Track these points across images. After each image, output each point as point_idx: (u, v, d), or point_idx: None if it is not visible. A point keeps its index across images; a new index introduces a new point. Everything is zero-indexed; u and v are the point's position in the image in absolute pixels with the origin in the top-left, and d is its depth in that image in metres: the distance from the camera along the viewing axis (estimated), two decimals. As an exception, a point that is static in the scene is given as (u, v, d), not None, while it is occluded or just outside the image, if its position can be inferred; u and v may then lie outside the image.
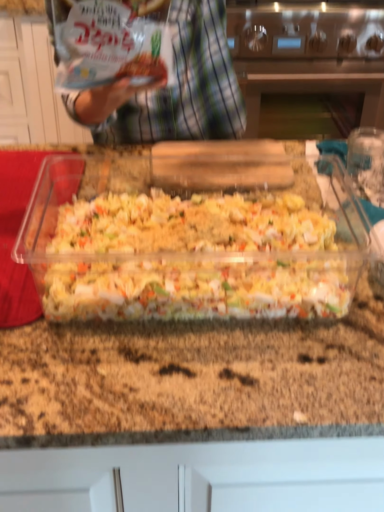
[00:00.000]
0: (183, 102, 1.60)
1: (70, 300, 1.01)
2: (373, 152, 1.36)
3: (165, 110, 1.59)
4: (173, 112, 1.60)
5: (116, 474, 1.01)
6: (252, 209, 1.20)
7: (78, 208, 1.20)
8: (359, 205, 1.07)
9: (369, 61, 2.57)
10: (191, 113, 1.63)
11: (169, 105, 1.58)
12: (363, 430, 0.90)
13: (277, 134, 2.79)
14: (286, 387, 0.94)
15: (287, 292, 1.02)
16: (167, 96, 1.56)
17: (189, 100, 1.61)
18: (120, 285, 1.02)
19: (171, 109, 1.59)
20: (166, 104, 1.58)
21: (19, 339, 1.02)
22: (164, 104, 1.58)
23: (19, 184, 1.41)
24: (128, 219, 1.17)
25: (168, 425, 0.88)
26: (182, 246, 1.08)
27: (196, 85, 1.60)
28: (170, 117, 1.60)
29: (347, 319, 1.07)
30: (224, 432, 0.89)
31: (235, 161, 1.44)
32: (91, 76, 1.09)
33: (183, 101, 1.60)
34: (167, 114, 1.60)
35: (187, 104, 1.61)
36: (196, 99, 1.62)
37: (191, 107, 1.62)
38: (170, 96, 1.56)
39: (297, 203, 1.20)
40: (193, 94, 1.60)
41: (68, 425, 0.88)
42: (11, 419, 0.89)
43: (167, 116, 1.60)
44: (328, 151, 1.56)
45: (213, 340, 1.03)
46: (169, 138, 1.63)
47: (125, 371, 0.97)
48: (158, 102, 1.57)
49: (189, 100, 1.61)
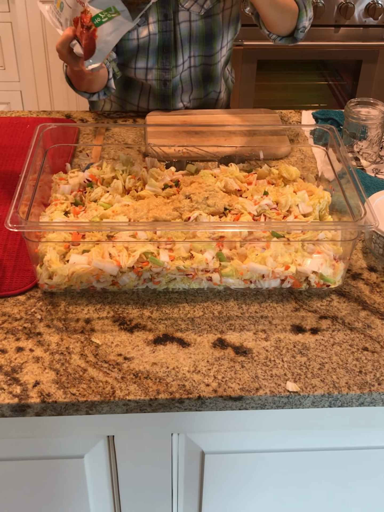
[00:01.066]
0: (183, 86, 1.59)
1: (64, 269, 1.01)
2: (370, 122, 1.35)
3: (164, 93, 1.58)
4: (171, 95, 1.59)
5: (110, 442, 1.02)
6: (247, 179, 1.20)
7: (72, 177, 1.19)
8: (354, 176, 1.07)
9: (367, 28, 2.53)
10: (189, 94, 1.62)
11: (168, 88, 1.57)
12: (354, 400, 0.91)
13: (273, 102, 2.77)
14: (279, 357, 0.95)
15: (281, 263, 1.03)
16: (167, 80, 1.55)
17: (190, 85, 1.60)
18: (115, 255, 1.01)
19: (169, 92, 1.58)
20: (166, 87, 1.57)
21: (13, 308, 1.02)
22: (163, 86, 1.57)
23: (12, 152, 1.40)
24: (122, 188, 1.16)
25: (162, 394, 0.89)
26: (177, 216, 1.08)
27: (198, 73, 1.59)
28: (168, 100, 1.60)
29: (341, 290, 1.07)
30: (217, 401, 0.90)
31: (230, 130, 1.43)
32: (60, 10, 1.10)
33: (183, 85, 1.59)
34: (165, 96, 1.59)
35: (186, 87, 1.60)
36: (196, 84, 1.61)
37: (190, 91, 1.61)
38: (171, 80, 1.55)
39: (293, 174, 1.19)
40: (194, 80, 1.60)
41: (62, 393, 0.89)
42: (5, 388, 0.89)
43: (165, 98, 1.59)
44: (325, 120, 1.55)
45: (207, 310, 1.03)
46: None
47: (119, 340, 0.97)
48: (158, 84, 1.56)
49: (190, 85, 1.60)
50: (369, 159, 1.40)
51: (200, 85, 1.61)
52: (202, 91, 1.63)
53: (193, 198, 1.09)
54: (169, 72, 1.54)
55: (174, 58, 1.52)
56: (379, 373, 0.93)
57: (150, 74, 1.54)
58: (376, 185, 1.30)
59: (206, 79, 1.61)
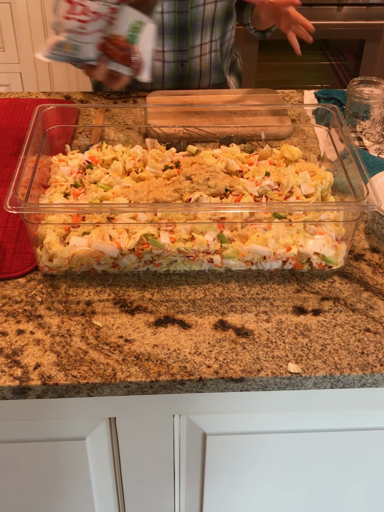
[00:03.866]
0: (202, 70, 1.58)
1: (64, 252, 1.00)
2: (373, 101, 1.33)
3: (181, 74, 1.58)
4: (188, 78, 1.59)
5: (112, 424, 1.02)
6: (248, 160, 1.18)
7: (71, 158, 1.18)
8: (357, 156, 1.05)
9: (370, 7, 2.50)
10: (208, 79, 1.62)
11: (186, 69, 1.57)
12: (356, 381, 0.91)
13: (275, 83, 2.75)
14: (280, 339, 0.95)
15: (283, 244, 1.02)
16: (185, 60, 1.55)
17: (209, 70, 1.59)
18: (115, 237, 1.01)
19: (187, 72, 1.58)
20: (183, 68, 1.56)
21: (14, 291, 1.02)
22: (180, 67, 1.56)
23: (11, 133, 1.38)
24: (122, 169, 1.15)
25: (163, 376, 0.89)
26: (178, 197, 1.07)
27: (218, 57, 1.59)
28: (184, 80, 1.59)
29: (343, 271, 1.06)
30: (218, 382, 0.90)
31: (231, 110, 1.42)
32: (75, 51, 1.10)
33: (202, 69, 1.58)
34: (183, 77, 1.59)
35: (205, 72, 1.59)
36: (215, 68, 1.61)
37: (209, 75, 1.61)
38: (188, 60, 1.54)
39: (295, 154, 1.18)
40: (213, 65, 1.59)
41: (63, 375, 0.89)
42: (6, 370, 0.89)
43: (182, 78, 1.59)
44: (327, 100, 1.53)
45: (208, 292, 1.02)
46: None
47: (120, 322, 0.97)
48: (175, 66, 1.55)
49: (209, 70, 1.59)
50: (372, 139, 1.38)
51: (220, 70, 1.61)
52: (222, 76, 1.62)
53: (193, 179, 1.08)
54: (186, 53, 1.53)
55: (192, 39, 1.51)
56: (381, 354, 0.92)
57: (167, 57, 1.54)
58: (379, 165, 1.29)
59: (222, 64, 1.61)
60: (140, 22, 1.09)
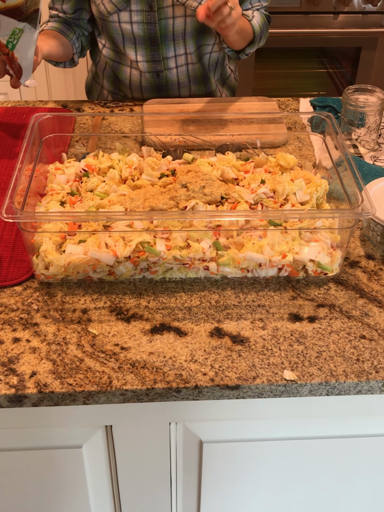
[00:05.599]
0: (180, 82, 1.60)
1: (60, 260, 1.01)
2: (368, 109, 1.34)
3: (158, 84, 1.59)
4: (166, 88, 1.60)
5: (108, 431, 1.02)
6: (244, 168, 1.19)
7: (68, 167, 1.19)
8: (352, 163, 1.06)
9: (366, 15, 2.51)
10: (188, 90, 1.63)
11: (162, 79, 1.58)
12: (352, 388, 0.91)
13: (272, 90, 2.76)
14: (276, 346, 0.95)
15: (278, 252, 1.02)
16: (160, 71, 1.56)
17: (187, 82, 1.61)
18: (111, 245, 1.01)
19: (163, 83, 1.59)
20: (159, 78, 1.58)
21: (10, 299, 1.02)
22: (156, 77, 1.58)
23: (7, 142, 1.39)
24: (119, 177, 1.16)
25: (159, 384, 0.89)
26: (173, 205, 1.07)
27: (196, 70, 1.60)
28: (162, 90, 1.61)
29: (338, 278, 1.07)
30: (214, 390, 0.90)
31: (227, 118, 1.42)
32: None
33: (180, 81, 1.60)
34: (161, 87, 1.60)
35: (184, 83, 1.60)
36: (195, 81, 1.62)
37: (188, 87, 1.62)
38: (163, 71, 1.56)
39: (290, 162, 1.19)
40: (192, 77, 1.60)
41: (59, 383, 0.89)
42: (2, 378, 0.89)
43: (160, 89, 1.60)
44: (322, 108, 1.54)
45: (204, 299, 1.03)
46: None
47: (116, 330, 0.97)
48: (151, 76, 1.57)
49: (187, 82, 1.61)
50: (367, 146, 1.39)
51: (201, 82, 1.62)
52: (204, 88, 1.63)
53: (189, 187, 1.09)
54: (160, 63, 1.54)
55: (165, 50, 1.53)
56: (376, 361, 0.93)
57: (141, 66, 1.55)
58: (374, 172, 1.30)
59: (205, 76, 1.62)
60: (20, 30, 1.16)
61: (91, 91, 1.75)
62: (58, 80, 2.65)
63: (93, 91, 1.74)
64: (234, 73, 1.74)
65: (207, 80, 1.63)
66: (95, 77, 1.71)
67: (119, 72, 1.60)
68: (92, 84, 1.74)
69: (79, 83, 2.63)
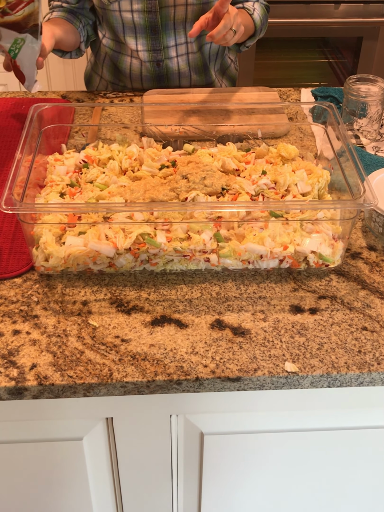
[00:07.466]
0: (181, 72, 1.58)
1: (60, 251, 1.00)
2: (369, 99, 1.33)
3: (158, 74, 1.58)
4: (166, 78, 1.59)
5: (109, 424, 1.02)
6: (245, 159, 1.18)
7: (67, 158, 1.18)
8: (354, 154, 1.05)
9: (367, 4, 2.50)
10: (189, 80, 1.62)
11: (163, 68, 1.57)
12: (353, 379, 0.91)
13: (273, 80, 2.74)
14: (277, 338, 0.94)
15: (279, 243, 1.01)
16: (160, 60, 1.55)
17: (188, 71, 1.59)
18: (111, 237, 1.00)
19: (164, 72, 1.57)
20: (159, 68, 1.57)
21: (10, 291, 1.01)
22: (157, 67, 1.56)
23: (7, 133, 1.38)
24: (118, 169, 1.15)
25: (160, 376, 0.89)
26: (174, 196, 1.06)
27: (197, 59, 1.59)
28: (163, 80, 1.60)
29: (340, 270, 1.06)
30: (215, 382, 0.89)
31: (228, 109, 1.41)
32: None
33: (181, 70, 1.58)
34: (161, 77, 1.59)
35: (184, 73, 1.59)
36: (196, 70, 1.60)
37: (189, 77, 1.61)
38: (163, 60, 1.55)
39: (291, 152, 1.18)
40: (193, 67, 1.59)
41: (60, 376, 0.88)
42: (2, 371, 0.89)
43: (160, 78, 1.59)
44: (324, 98, 1.53)
45: (205, 291, 1.02)
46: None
47: (116, 322, 0.96)
48: (151, 66, 1.56)
49: (188, 71, 1.59)
50: (369, 136, 1.38)
51: (201, 72, 1.60)
52: (205, 78, 1.62)
53: (190, 178, 1.08)
54: (161, 53, 1.53)
55: (166, 39, 1.51)
56: (378, 352, 0.92)
57: (142, 56, 1.54)
58: (376, 163, 1.29)
59: (205, 66, 1.61)
60: (21, 39, 1.18)
61: (90, 81, 1.74)
62: (58, 70, 2.63)
63: (92, 82, 1.73)
64: (234, 63, 1.74)
65: (207, 70, 1.62)
66: (94, 68, 1.70)
67: (119, 62, 1.59)
68: (91, 74, 1.73)
69: (78, 74, 2.62)
